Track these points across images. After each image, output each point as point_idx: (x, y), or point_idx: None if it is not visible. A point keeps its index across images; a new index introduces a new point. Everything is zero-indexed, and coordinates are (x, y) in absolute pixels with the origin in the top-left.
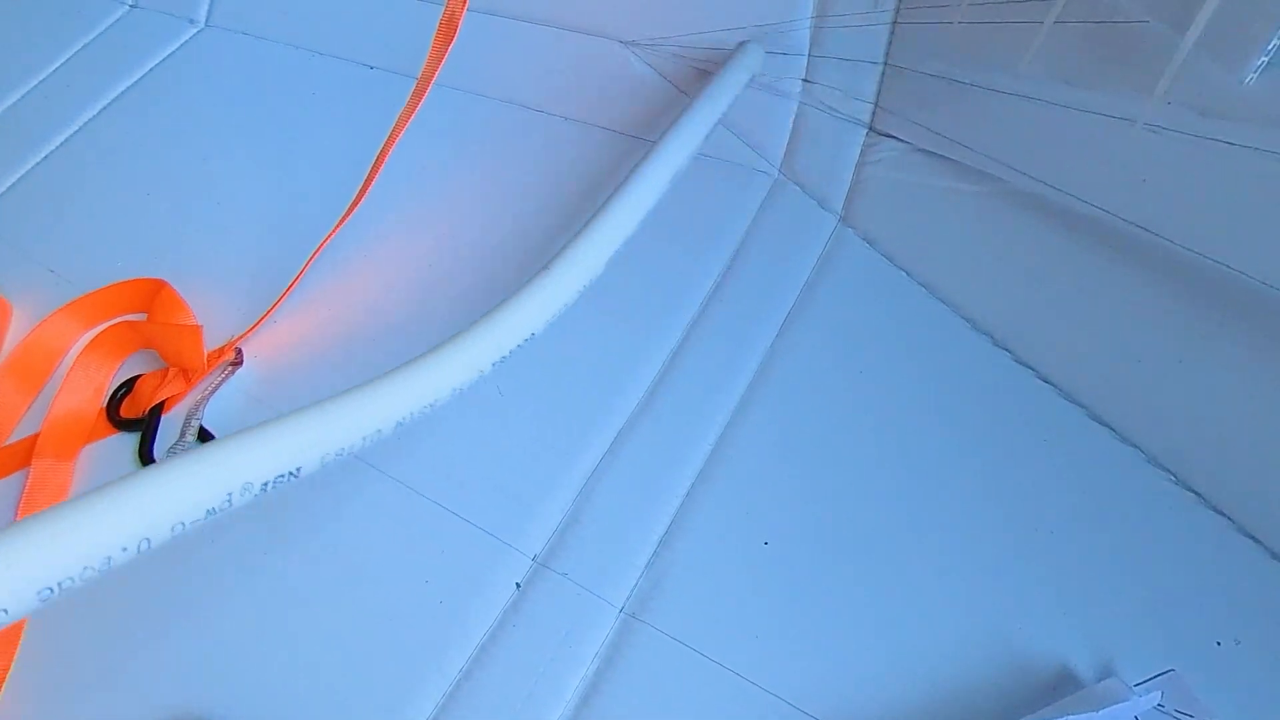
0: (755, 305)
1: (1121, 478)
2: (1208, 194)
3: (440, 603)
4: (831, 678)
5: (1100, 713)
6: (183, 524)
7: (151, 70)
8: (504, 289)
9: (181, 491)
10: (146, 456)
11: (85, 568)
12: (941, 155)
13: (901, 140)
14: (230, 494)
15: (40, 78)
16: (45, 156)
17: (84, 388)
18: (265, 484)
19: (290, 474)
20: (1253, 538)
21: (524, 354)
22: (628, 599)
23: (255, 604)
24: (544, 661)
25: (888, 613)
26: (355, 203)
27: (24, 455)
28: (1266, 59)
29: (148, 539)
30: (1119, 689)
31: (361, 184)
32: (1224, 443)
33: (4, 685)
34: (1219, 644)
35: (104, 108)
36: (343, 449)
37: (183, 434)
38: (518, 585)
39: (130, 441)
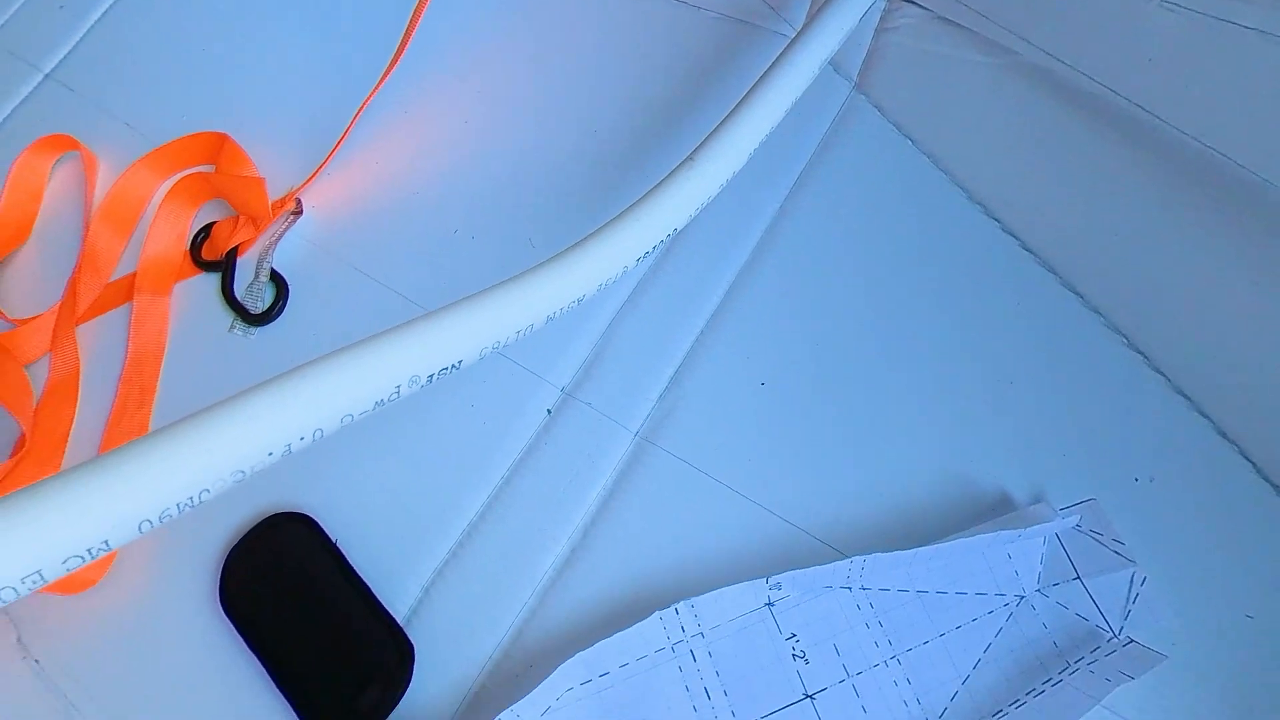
0: (768, 168)
1: (1079, 339)
2: (1210, 78)
3: (484, 424)
4: (811, 495)
5: (1029, 529)
6: (352, 416)
7: None
8: (548, 139)
9: (355, 384)
10: (228, 294)
11: (270, 454)
12: (959, 24)
13: (922, 7)
14: (399, 386)
15: None
16: (107, 10)
17: (168, 233)
18: (430, 376)
19: (453, 366)
20: (1183, 394)
21: (556, 216)
22: (642, 425)
23: None
24: (570, 473)
25: (862, 444)
26: (396, 57)
27: (126, 291)
28: None
29: (320, 429)
30: (1046, 511)
31: (401, 38)
32: (1177, 314)
33: None
34: (1136, 480)
35: None
36: (498, 342)
37: (257, 275)
38: (549, 411)
39: (213, 280)
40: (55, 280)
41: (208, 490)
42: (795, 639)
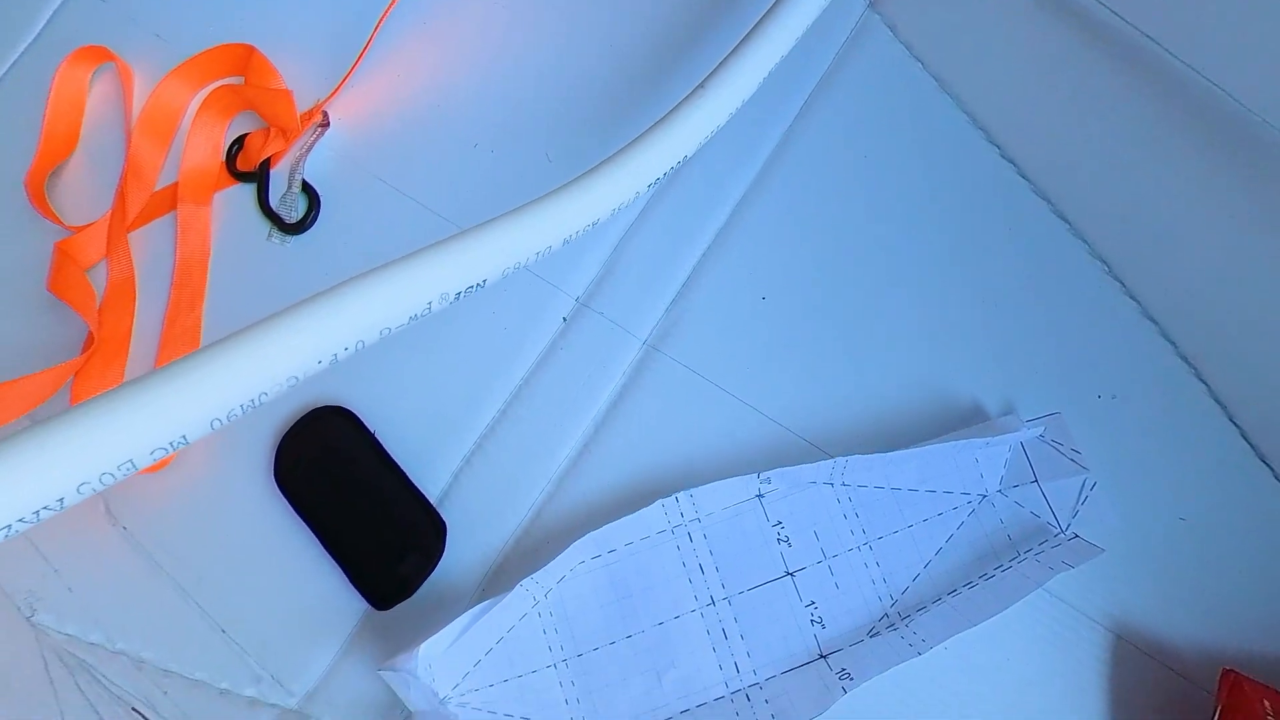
0: (780, 85)
1: (1063, 264)
2: (1220, 12)
3: (504, 329)
4: (803, 401)
5: (996, 437)
6: (389, 329)
7: None
8: (565, 55)
9: (393, 301)
10: (264, 204)
11: (319, 362)
12: None
13: None
14: (430, 302)
15: None
16: None
17: (204, 145)
18: (458, 293)
19: (479, 285)
20: (1152, 320)
21: (572, 133)
22: (650, 333)
23: None
24: (583, 376)
25: (851, 355)
26: None
27: (170, 200)
28: None
29: (362, 341)
30: (1014, 422)
31: None
32: (1159, 244)
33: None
34: (1100, 397)
35: None
36: (519, 263)
37: (290, 186)
38: (564, 319)
39: (250, 190)
40: (104, 189)
41: (266, 394)
42: (780, 526)
